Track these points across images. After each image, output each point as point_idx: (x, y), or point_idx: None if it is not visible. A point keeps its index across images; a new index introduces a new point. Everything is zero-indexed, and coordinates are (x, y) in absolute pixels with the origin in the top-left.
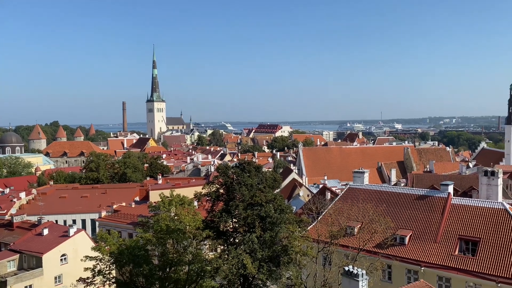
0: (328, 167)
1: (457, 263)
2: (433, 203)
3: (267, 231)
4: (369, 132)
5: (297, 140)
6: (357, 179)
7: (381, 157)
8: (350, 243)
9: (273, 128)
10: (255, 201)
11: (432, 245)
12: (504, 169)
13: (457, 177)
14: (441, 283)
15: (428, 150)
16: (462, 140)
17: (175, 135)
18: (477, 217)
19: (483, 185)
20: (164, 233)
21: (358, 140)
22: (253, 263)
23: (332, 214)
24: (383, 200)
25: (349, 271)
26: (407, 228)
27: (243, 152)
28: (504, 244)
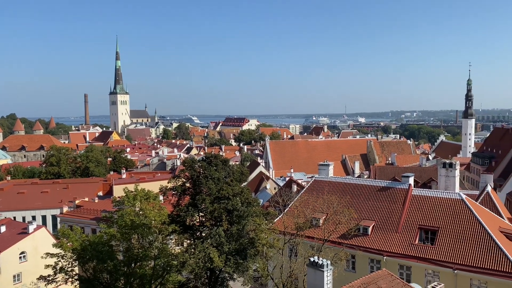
0: (295, 160)
1: (417, 251)
2: (394, 195)
3: (234, 224)
4: (334, 125)
5: (264, 134)
6: (322, 172)
7: (345, 150)
8: (315, 234)
9: (240, 121)
10: (222, 195)
11: (394, 235)
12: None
13: (418, 169)
14: (402, 271)
15: (390, 143)
16: (422, 133)
17: (140, 129)
18: (436, 207)
19: (441, 177)
20: (129, 228)
21: (323, 133)
22: (220, 256)
23: (298, 206)
24: (347, 192)
25: (314, 262)
26: (370, 219)
27: (210, 146)
28: (460, 233)
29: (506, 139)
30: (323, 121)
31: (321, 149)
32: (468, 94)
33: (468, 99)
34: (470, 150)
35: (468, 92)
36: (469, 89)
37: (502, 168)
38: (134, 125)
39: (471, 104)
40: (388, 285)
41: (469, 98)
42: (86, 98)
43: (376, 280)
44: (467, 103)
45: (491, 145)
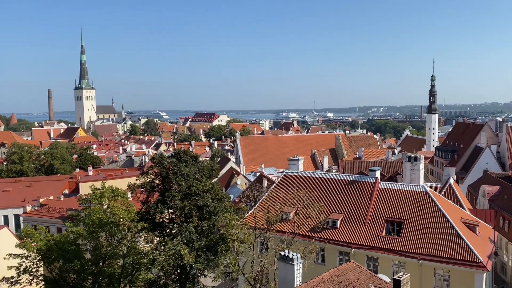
0: (265, 155)
1: (384, 243)
2: (362, 188)
3: (204, 221)
4: (304, 121)
5: (234, 129)
6: (292, 167)
7: (314, 145)
8: (285, 229)
9: (210, 117)
10: (192, 191)
11: (362, 227)
12: (425, 154)
13: (384, 163)
14: (370, 262)
15: (358, 138)
16: (389, 128)
17: (106, 124)
18: (402, 200)
19: (407, 170)
20: (96, 227)
21: (293, 128)
22: (191, 253)
23: (269, 201)
24: (317, 186)
25: (284, 256)
26: (338, 212)
27: (179, 142)
28: (425, 224)
29: (467, 133)
30: (293, 116)
31: (291, 144)
32: (432, 90)
33: (432, 94)
34: (434, 144)
35: (432, 88)
36: (433, 85)
37: (463, 161)
38: (100, 121)
39: (434, 99)
40: (356, 276)
41: (432, 94)
42: (50, 93)
43: (344, 272)
44: (431, 98)
45: (454, 139)
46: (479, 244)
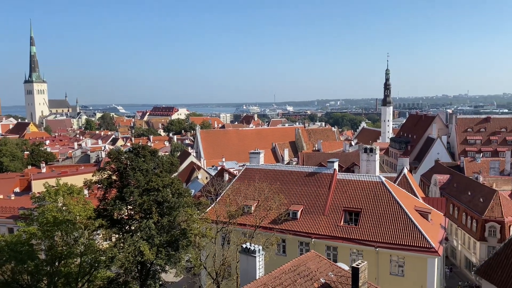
0: (226, 149)
1: (342, 232)
2: (321, 179)
3: (164, 216)
4: (264, 114)
5: (194, 123)
6: (253, 160)
7: (275, 138)
8: (247, 221)
9: (169, 110)
10: (151, 186)
11: (321, 218)
12: (380, 146)
13: (342, 155)
14: (329, 252)
15: (317, 131)
16: (346, 120)
17: (60, 119)
18: (359, 190)
19: (363, 161)
20: (51, 225)
21: (253, 122)
22: (151, 249)
23: (230, 194)
24: (277, 179)
25: (246, 248)
26: (299, 204)
27: (137, 136)
28: (381, 213)
29: (420, 125)
30: (253, 110)
31: (252, 138)
32: (386, 83)
33: (387, 88)
34: (389, 135)
35: (387, 82)
36: (387, 79)
37: (416, 152)
38: (53, 115)
39: (389, 92)
40: (316, 265)
41: (387, 87)
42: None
43: (305, 262)
44: (386, 91)
45: (407, 131)
46: (431, 230)
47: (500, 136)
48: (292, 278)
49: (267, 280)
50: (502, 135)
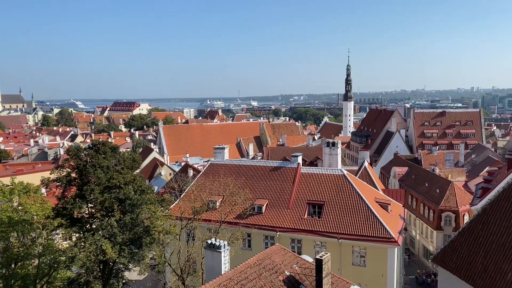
0: (190, 144)
1: (306, 225)
2: (285, 174)
3: (127, 214)
4: (228, 109)
5: (156, 118)
6: (218, 155)
7: (239, 133)
8: (212, 217)
9: (130, 105)
10: (112, 184)
11: (286, 211)
12: (342, 140)
13: (305, 149)
14: (293, 244)
15: (281, 125)
16: (309, 115)
17: (14, 115)
18: (322, 183)
19: (326, 155)
20: (6, 226)
21: (218, 117)
22: (113, 247)
23: (195, 190)
24: (242, 173)
25: (211, 244)
26: (264, 198)
27: (97, 132)
28: (343, 205)
29: (379, 119)
30: (217, 105)
31: (216, 133)
32: (347, 78)
33: (348, 83)
34: (350, 130)
35: (348, 77)
36: (348, 74)
37: (376, 145)
38: (7, 111)
39: (350, 88)
40: (281, 259)
41: (348, 83)
42: None
43: (270, 255)
44: (347, 87)
45: (367, 125)
46: (391, 221)
47: (454, 129)
48: (258, 272)
49: (232, 275)
50: (457, 128)
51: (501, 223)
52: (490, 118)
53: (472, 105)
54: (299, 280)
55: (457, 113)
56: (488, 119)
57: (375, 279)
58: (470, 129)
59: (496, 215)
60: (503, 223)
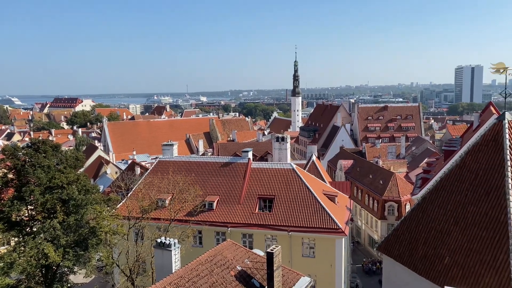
0: (137, 141)
1: (257, 219)
2: (236, 169)
3: (71, 215)
4: (177, 105)
5: (101, 115)
6: (167, 152)
7: (189, 129)
8: (161, 215)
9: (72, 102)
10: (54, 184)
11: (237, 207)
12: (291, 135)
13: (255, 144)
14: (245, 239)
15: (231, 121)
16: (259, 110)
17: None
18: (272, 177)
19: (275, 150)
20: None
21: (166, 113)
22: (57, 250)
23: (143, 188)
24: (192, 170)
25: (161, 243)
26: (214, 194)
27: (37, 130)
28: (293, 198)
29: (326, 114)
30: (165, 100)
31: (164, 129)
32: (295, 74)
33: (295, 79)
34: (298, 124)
35: (295, 73)
36: (296, 70)
37: (324, 139)
38: None
39: (298, 83)
40: (233, 254)
41: (296, 78)
42: None
43: (221, 251)
44: (295, 82)
45: (315, 120)
46: (338, 212)
47: (396, 123)
48: (209, 268)
49: (183, 272)
50: (398, 122)
51: (439, 210)
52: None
53: (412, 100)
54: (250, 275)
55: (398, 107)
56: (427, 113)
57: (324, 269)
58: (410, 122)
59: (434, 204)
60: (441, 210)
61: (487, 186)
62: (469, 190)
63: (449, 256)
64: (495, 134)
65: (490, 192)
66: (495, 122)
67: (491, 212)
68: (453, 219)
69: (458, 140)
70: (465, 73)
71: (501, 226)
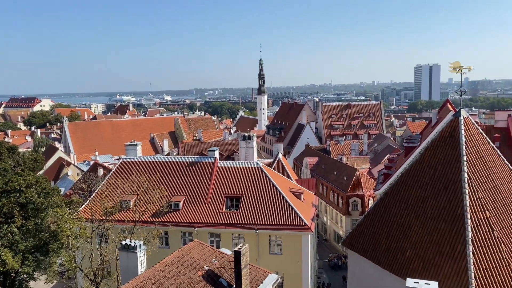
0: (99, 142)
1: (224, 219)
2: (202, 168)
3: (30, 219)
4: (140, 104)
5: (61, 115)
6: (130, 152)
7: (153, 129)
8: (126, 217)
9: (29, 101)
10: (11, 187)
11: (203, 206)
12: (257, 133)
13: (222, 143)
14: (212, 239)
15: (196, 120)
16: (225, 109)
17: None
18: (239, 176)
19: (242, 148)
20: None
21: (129, 112)
22: (15, 256)
23: (106, 190)
24: (157, 170)
25: (126, 245)
26: (180, 194)
27: None
28: (260, 196)
29: (291, 112)
30: (128, 99)
31: (127, 129)
32: (260, 73)
33: (261, 77)
34: (265, 123)
35: (261, 72)
36: (261, 69)
37: (289, 137)
38: None
39: (263, 82)
40: (200, 254)
41: (261, 77)
42: None
43: (188, 251)
44: (260, 81)
45: (281, 118)
46: (305, 209)
47: (358, 120)
48: (176, 269)
49: (149, 274)
50: (361, 119)
51: (400, 205)
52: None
53: (373, 98)
54: (218, 274)
55: (361, 105)
56: (388, 110)
57: (291, 266)
58: (372, 120)
59: (396, 198)
60: (402, 205)
61: (445, 181)
62: (428, 185)
63: (411, 248)
64: (452, 131)
65: (448, 186)
66: (452, 119)
67: (449, 205)
68: (414, 213)
69: (417, 136)
70: (423, 72)
71: (458, 218)
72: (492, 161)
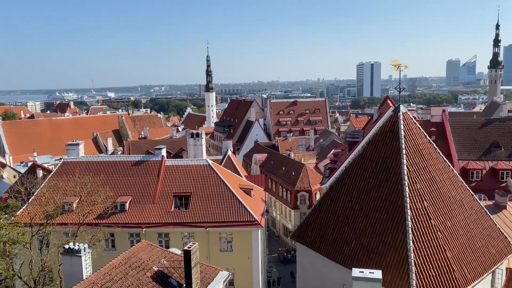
0: (38, 142)
1: (173, 218)
2: (149, 167)
3: None
4: (82, 101)
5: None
6: (72, 152)
7: (96, 127)
8: (69, 220)
9: None
10: None
11: (151, 206)
12: (206, 130)
13: (169, 141)
14: (161, 239)
15: (142, 117)
16: (172, 106)
17: None
18: (188, 174)
19: (190, 146)
20: None
21: (70, 110)
22: None
23: (46, 192)
24: (101, 171)
25: (69, 249)
26: (127, 195)
27: None
28: (210, 194)
29: (240, 109)
30: (68, 97)
31: (68, 128)
32: (208, 69)
33: (208, 74)
34: (213, 120)
35: (208, 68)
36: (209, 65)
37: (238, 134)
38: None
39: (211, 79)
40: (148, 255)
41: (209, 74)
42: None
43: (136, 253)
44: (208, 78)
45: (229, 115)
46: (255, 205)
47: (305, 117)
48: (123, 271)
49: (95, 278)
50: (307, 116)
51: (345, 198)
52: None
53: (319, 95)
54: (168, 274)
55: (307, 102)
56: (332, 107)
57: (241, 262)
58: (318, 116)
59: (341, 191)
60: (347, 197)
61: (386, 173)
62: (371, 178)
63: (356, 239)
64: (392, 125)
65: (389, 179)
66: (392, 115)
67: (390, 196)
68: (358, 205)
69: (360, 131)
70: (365, 69)
71: (399, 209)
72: (428, 153)
